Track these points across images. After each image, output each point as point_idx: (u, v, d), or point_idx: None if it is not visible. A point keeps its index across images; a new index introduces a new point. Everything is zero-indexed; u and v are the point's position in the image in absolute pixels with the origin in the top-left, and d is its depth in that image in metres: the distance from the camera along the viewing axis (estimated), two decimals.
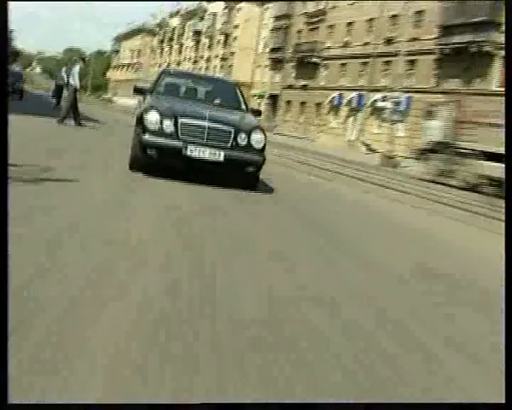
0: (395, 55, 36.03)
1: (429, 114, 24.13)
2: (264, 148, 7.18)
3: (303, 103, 49.35)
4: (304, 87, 48.81)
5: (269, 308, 2.80)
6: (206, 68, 66.79)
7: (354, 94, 41.68)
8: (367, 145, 38.22)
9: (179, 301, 2.66)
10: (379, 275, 4.03)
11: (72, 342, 2.04)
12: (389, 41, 38.43)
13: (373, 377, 2.21)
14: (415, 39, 35.99)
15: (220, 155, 6.79)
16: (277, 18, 54.88)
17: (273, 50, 54.95)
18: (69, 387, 1.75)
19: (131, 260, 3.22)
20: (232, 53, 62.03)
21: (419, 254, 5.41)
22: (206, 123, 6.84)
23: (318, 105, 46.96)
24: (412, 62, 36.49)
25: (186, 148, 6.72)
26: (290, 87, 51.18)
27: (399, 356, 2.49)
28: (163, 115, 6.82)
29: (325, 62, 46.49)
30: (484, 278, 4.72)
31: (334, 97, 44.26)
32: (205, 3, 69.54)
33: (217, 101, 8.06)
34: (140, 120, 6.93)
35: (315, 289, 3.33)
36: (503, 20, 29.95)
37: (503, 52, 29.77)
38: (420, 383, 2.24)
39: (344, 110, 43.53)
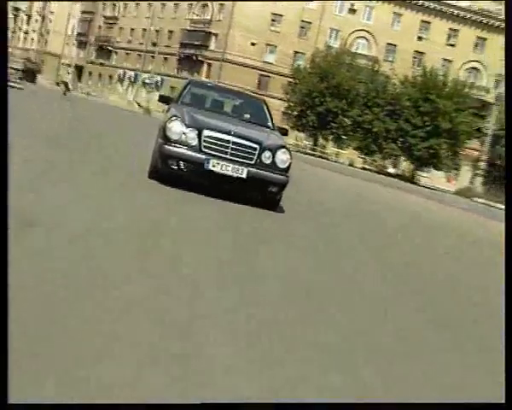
0: (157, 53, 63.77)
1: None
2: (288, 168, 6.85)
3: (100, 75, 74.41)
4: (101, 64, 73.64)
5: None
6: (25, 39, 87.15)
7: (132, 73, 68.53)
8: (138, 104, 65.30)
9: None
10: None
11: None
12: (154, 44, 65.70)
13: None
14: (168, 46, 64.05)
15: (243, 172, 6.49)
16: (83, 12, 78.72)
17: (79, 34, 78.67)
18: None
19: None
20: (47, 31, 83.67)
21: None
22: (230, 137, 6.55)
23: (110, 77, 72.69)
24: (166, 59, 64.59)
25: (208, 162, 6.43)
26: (92, 63, 75.45)
27: None
28: (187, 126, 6.55)
29: (116, 50, 72.24)
30: None
31: (120, 73, 70.49)
32: None
33: (244, 116, 7.82)
34: (163, 130, 6.68)
35: None
36: (209, 45, 59.91)
37: (208, 61, 59.71)
38: None
39: (126, 82, 70.14)
